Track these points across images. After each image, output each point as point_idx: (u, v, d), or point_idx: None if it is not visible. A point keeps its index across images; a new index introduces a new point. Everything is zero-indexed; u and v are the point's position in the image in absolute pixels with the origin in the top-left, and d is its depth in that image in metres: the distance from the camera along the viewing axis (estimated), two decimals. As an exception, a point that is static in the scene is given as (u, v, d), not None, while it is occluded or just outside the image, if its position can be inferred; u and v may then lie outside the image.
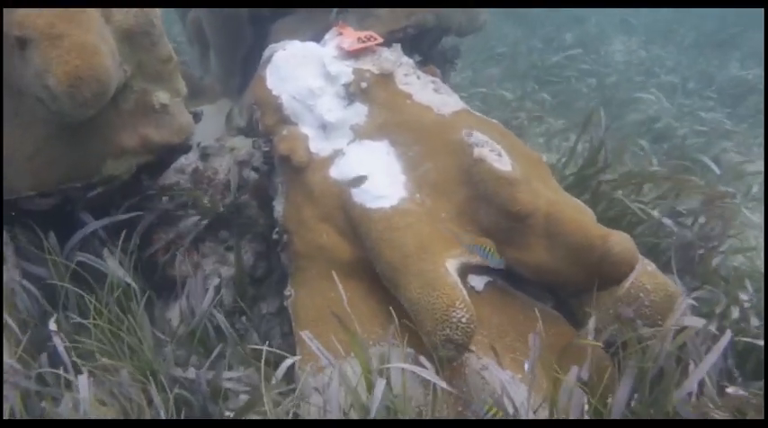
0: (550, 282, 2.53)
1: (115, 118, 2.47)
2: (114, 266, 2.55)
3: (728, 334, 2.12)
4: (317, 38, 3.13)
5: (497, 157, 2.49)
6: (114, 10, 2.22)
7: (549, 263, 2.40)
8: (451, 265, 2.34)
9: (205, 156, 3.76)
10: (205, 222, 3.10)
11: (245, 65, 4.12)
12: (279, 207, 2.79)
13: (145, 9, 2.30)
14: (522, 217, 2.38)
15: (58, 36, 1.93)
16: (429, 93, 2.80)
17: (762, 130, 6.04)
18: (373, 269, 2.61)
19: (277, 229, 2.79)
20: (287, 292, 2.73)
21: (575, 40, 8.67)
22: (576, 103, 6.44)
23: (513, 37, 8.55)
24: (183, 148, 2.83)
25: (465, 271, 2.45)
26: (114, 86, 2.15)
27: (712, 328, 2.38)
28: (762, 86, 7.04)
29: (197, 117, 2.84)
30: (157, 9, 2.38)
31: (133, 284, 2.56)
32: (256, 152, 2.89)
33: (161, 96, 2.56)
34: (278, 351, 2.38)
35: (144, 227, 2.88)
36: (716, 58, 8.53)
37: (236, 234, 3.00)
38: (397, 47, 2.93)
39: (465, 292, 2.24)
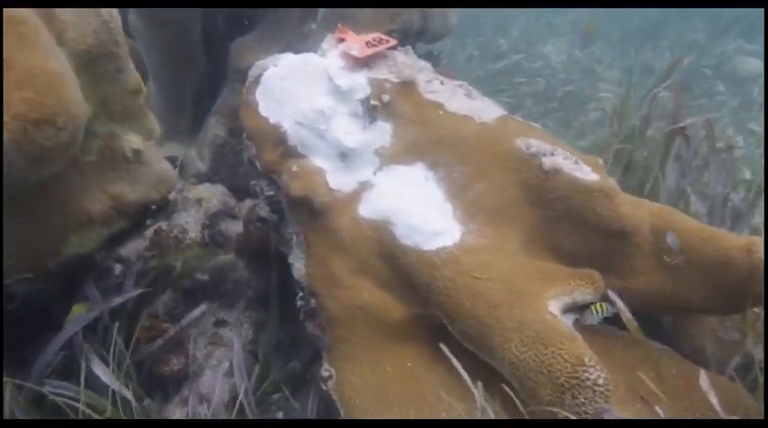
0: (664, 310, 2.06)
1: (75, 176, 1.80)
2: (108, 380, 1.87)
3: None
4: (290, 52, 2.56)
5: (575, 166, 2.01)
6: (68, 25, 1.57)
7: (664, 288, 1.92)
8: (556, 309, 1.83)
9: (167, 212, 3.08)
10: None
11: (196, 97, 3.46)
12: (298, 264, 2.18)
13: (107, 23, 1.66)
14: (627, 234, 1.91)
15: (3, 63, 1.28)
16: (462, 100, 2.29)
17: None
18: (434, 326, 2.06)
19: (301, 294, 2.17)
20: (324, 372, 2.11)
21: (509, 46, 8.50)
22: (529, 106, 6.20)
23: (448, 48, 8.26)
24: (163, 205, 2.17)
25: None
26: (83, 129, 1.50)
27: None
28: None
29: (173, 163, 2.20)
30: (119, 22, 1.75)
31: (132, 399, 1.88)
32: (261, 201, 2.25)
33: (132, 140, 1.92)
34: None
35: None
36: (648, 50, 8.59)
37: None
38: (409, 49, 2.42)
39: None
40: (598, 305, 1.89)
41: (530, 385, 1.73)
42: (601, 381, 1.63)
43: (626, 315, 1.60)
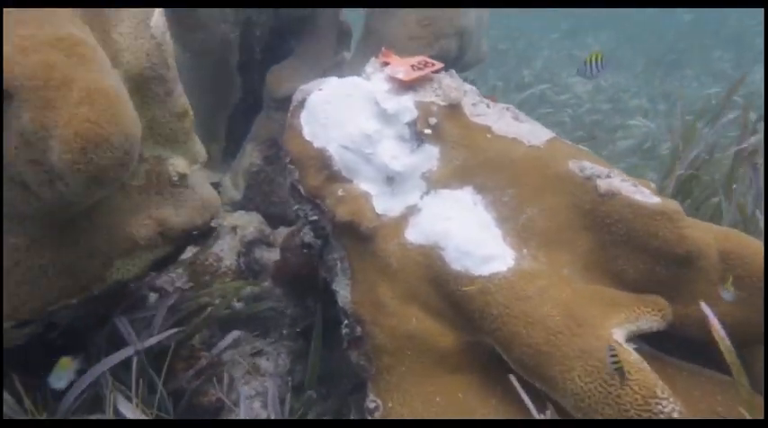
0: (732, 338, 1.96)
1: (122, 200, 1.76)
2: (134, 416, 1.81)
3: None
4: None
5: (634, 189, 1.94)
6: (122, 47, 1.55)
7: (733, 315, 1.83)
8: (620, 337, 1.74)
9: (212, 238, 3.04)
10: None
11: (230, 125, 3.46)
12: (343, 291, 2.12)
13: (160, 45, 1.64)
14: (693, 259, 1.82)
15: (63, 82, 1.25)
16: (510, 123, 2.24)
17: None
18: (486, 355, 1.98)
19: (346, 322, 2.10)
20: (370, 404, 2.02)
21: (533, 77, 8.52)
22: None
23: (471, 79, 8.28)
24: (206, 231, 2.12)
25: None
26: (139, 149, 1.46)
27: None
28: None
29: (216, 188, 2.16)
30: (170, 45, 1.73)
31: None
32: (305, 227, 2.20)
33: (178, 164, 1.89)
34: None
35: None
36: (675, 79, 8.56)
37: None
38: (453, 72, 2.38)
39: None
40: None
41: (594, 418, 1.63)
42: (676, 415, 1.54)
43: (725, 343, 1.49)
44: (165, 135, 1.83)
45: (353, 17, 3.76)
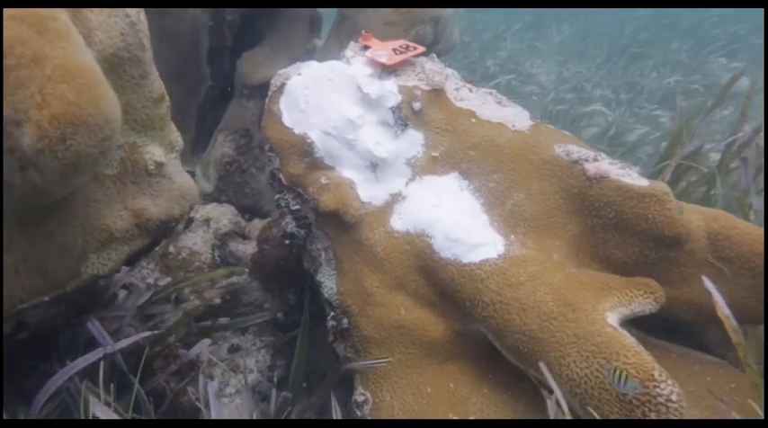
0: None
1: (96, 190, 1.66)
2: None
3: None
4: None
5: (622, 171, 1.93)
6: (95, 25, 1.45)
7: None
8: (614, 321, 1.72)
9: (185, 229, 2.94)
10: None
11: (200, 114, 3.34)
12: (328, 282, 2.05)
13: (135, 24, 1.55)
14: (682, 241, 1.82)
15: (34, 60, 1.15)
16: (494, 107, 2.20)
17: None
18: (476, 344, 1.95)
19: (332, 314, 2.04)
20: (359, 397, 1.98)
21: (498, 67, 8.54)
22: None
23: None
24: (184, 222, 2.03)
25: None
26: (119, 133, 1.37)
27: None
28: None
29: (192, 177, 2.07)
30: (146, 25, 1.63)
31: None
32: (287, 217, 2.12)
33: (155, 152, 1.79)
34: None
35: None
36: (636, 69, 8.69)
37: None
38: (434, 56, 2.33)
39: (652, 356, 1.62)
40: None
41: (592, 403, 1.61)
42: (674, 397, 1.52)
43: (730, 322, 1.47)
44: (141, 121, 1.73)
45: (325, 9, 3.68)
